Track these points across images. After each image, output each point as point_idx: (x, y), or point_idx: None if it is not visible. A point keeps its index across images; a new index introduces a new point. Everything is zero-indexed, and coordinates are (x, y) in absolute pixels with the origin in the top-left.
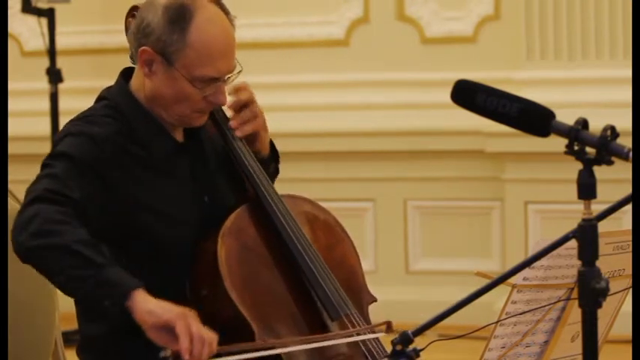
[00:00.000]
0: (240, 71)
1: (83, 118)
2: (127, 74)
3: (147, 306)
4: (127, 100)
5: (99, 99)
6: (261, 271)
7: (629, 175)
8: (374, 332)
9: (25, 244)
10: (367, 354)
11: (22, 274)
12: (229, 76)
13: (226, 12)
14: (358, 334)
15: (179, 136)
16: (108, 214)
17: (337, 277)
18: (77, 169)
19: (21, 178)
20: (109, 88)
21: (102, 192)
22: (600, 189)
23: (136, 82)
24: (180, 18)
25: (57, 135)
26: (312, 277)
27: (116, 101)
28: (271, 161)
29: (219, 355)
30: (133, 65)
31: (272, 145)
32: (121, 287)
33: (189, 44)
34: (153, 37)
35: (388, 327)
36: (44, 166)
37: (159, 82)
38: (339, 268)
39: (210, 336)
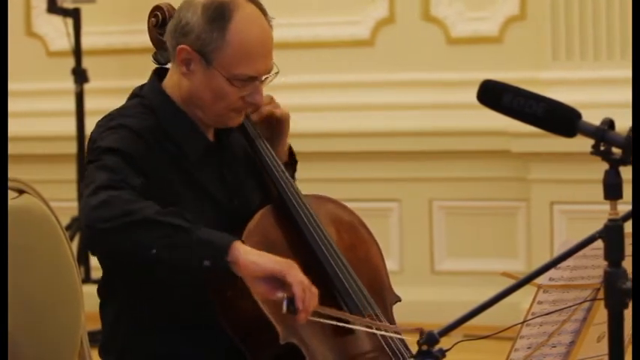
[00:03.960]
0: (277, 72)
1: (118, 112)
2: (160, 73)
3: (250, 257)
4: (161, 98)
5: (132, 97)
6: None
7: None
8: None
9: (103, 227)
10: (392, 355)
11: (47, 274)
12: (267, 76)
13: (264, 12)
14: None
15: (210, 136)
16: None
17: (361, 278)
18: (125, 162)
19: (47, 178)
20: (141, 86)
21: (147, 183)
22: (627, 189)
23: (170, 82)
24: (219, 16)
25: (94, 131)
26: (336, 278)
27: (150, 99)
28: (288, 168)
29: (317, 313)
30: (156, 65)
31: (291, 152)
32: (218, 244)
33: (229, 43)
34: (192, 35)
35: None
36: (91, 162)
37: (197, 81)
38: (363, 269)
39: (315, 289)
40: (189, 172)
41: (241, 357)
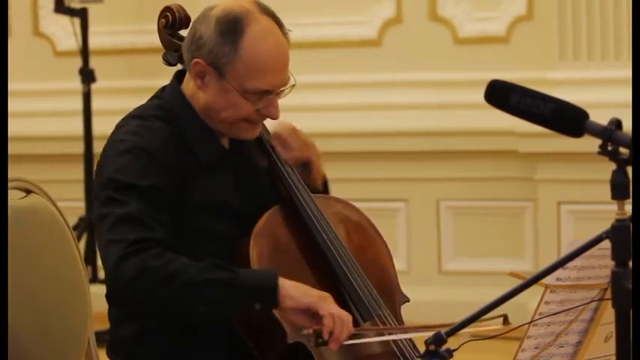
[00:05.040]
0: (294, 85)
1: (135, 119)
2: (180, 77)
3: (289, 292)
4: (180, 101)
5: (152, 97)
6: (293, 271)
7: None
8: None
9: (145, 299)
10: (401, 357)
11: (54, 274)
12: (282, 89)
13: (280, 25)
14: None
15: (226, 144)
16: (171, 226)
17: (370, 278)
18: (146, 200)
19: (55, 178)
20: (163, 88)
21: (166, 208)
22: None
23: (188, 89)
24: (232, 30)
25: (113, 140)
26: (344, 278)
27: (170, 104)
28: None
29: (354, 335)
30: (166, 65)
31: (325, 184)
32: (265, 289)
33: (241, 57)
34: (205, 49)
35: (505, 320)
36: (111, 200)
37: (211, 93)
38: (372, 269)
39: (348, 317)
40: (203, 178)
41: (247, 357)
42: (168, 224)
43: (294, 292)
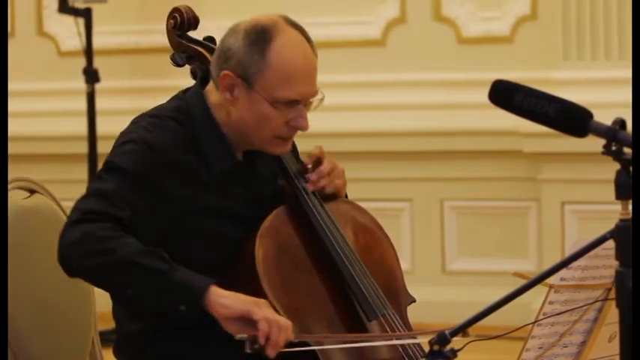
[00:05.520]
0: (322, 98)
1: (151, 118)
2: (204, 82)
3: (221, 300)
4: (201, 109)
5: (174, 97)
6: (299, 271)
7: None
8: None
9: (80, 264)
10: (407, 359)
11: (58, 274)
12: (311, 100)
13: (308, 39)
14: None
15: (239, 156)
16: (157, 223)
17: (376, 278)
18: (128, 185)
19: (58, 178)
20: (186, 90)
21: (152, 202)
22: None
23: (212, 97)
24: (260, 40)
25: (123, 133)
26: (350, 278)
27: (190, 107)
28: None
29: (294, 342)
30: (173, 65)
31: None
32: (192, 289)
33: (269, 65)
34: (233, 60)
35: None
36: (98, 177)
37: (241, 107)
38: (378, 270)
39: (286, 322)
40: (212, 185)
41: (254, 357)
42: (147, 217)
43: (226, 300)
